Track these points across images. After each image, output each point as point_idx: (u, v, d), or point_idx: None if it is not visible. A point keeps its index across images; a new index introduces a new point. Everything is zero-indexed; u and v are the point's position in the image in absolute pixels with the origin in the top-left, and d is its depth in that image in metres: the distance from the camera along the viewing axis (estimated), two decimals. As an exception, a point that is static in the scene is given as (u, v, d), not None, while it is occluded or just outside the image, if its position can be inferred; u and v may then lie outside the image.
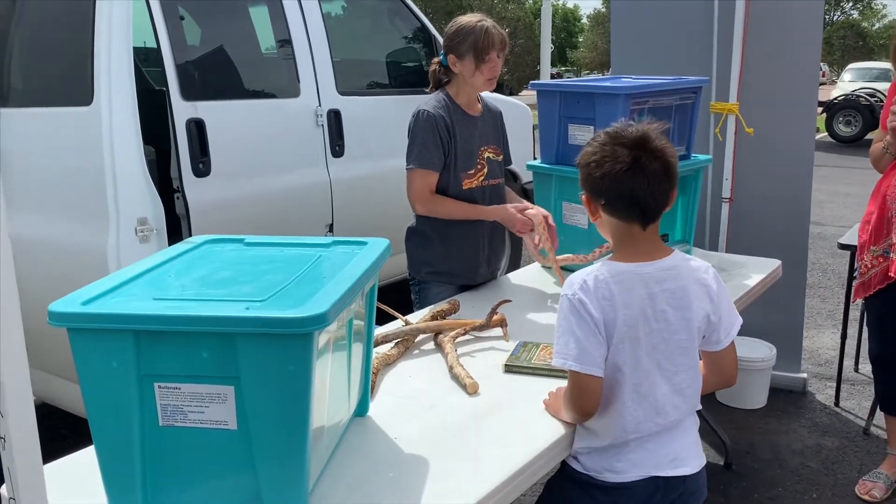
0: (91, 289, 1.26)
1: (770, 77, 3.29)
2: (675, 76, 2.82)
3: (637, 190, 1.45)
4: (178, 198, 2.82)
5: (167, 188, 2.94)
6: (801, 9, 3.21)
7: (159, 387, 1.20)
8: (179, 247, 1.56)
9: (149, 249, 2.39)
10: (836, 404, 3.39)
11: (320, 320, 1.13)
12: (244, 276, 1.38)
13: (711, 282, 1.53)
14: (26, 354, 1.00)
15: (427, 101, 2.39)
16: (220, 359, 1.17)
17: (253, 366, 1.16)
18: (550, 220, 2.43)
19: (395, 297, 2.52)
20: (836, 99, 14.33)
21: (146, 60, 3.96)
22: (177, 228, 2.85)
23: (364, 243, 1.59)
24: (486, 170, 2.47)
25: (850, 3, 43.26)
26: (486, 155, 2.48)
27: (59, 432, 2.93)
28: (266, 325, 1.13)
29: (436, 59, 2.47)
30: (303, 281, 1.35)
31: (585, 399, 1.48)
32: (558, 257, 2.53)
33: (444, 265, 2.49)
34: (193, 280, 1.35)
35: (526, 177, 4.80)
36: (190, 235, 2.82)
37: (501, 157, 2.55)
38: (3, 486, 1.19)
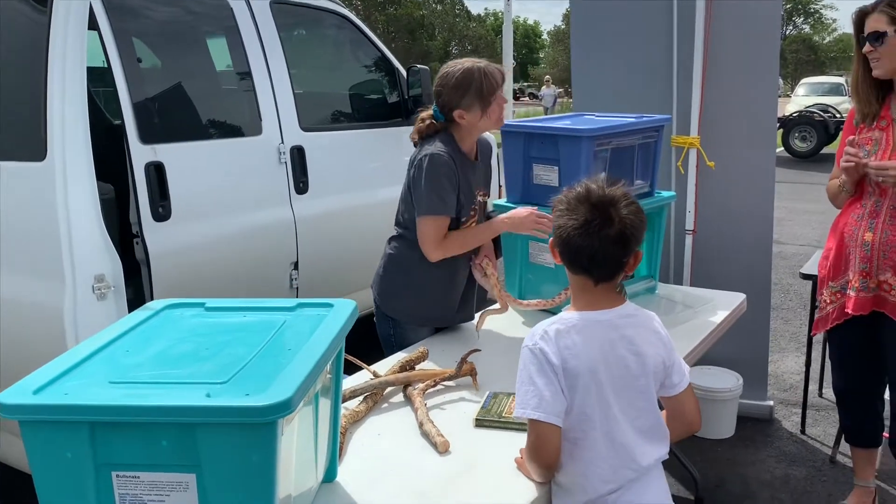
0: (43, 373, 1.20)
1: (729, 109, 3.33)
2: (637, 113, 2.84)
3: (584, 251, 1.50)
4: (137, 243, 2.75)
5: (127, 230, 2.88)
6: (759, 39, 3.25)
7: (117, 476, 1.16)
8: (137, 315, 1.51)
9: (106, 307, 2.32)
10: (803, 432, 3.43)
11: (284, 407, 1.09)
12: (205, 349, 1.34)
13: (661, 328, 1.60)
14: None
15: (435, 145, 2.30)
16: (180, 447, 1.13)
17: (214, 454, 1.12)
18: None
19: (358, 334, 2.47)
20: (791, 115, 14.72)
21: (102, 82, 3.86)
22: (137, 273, 2.79)
23: (330, 306, 1.56)
24: (477, 216, 2.46)
25: (802, 18, 44.45)
26: (478, 199, 2.47)
27: (13, 495, 2.82)
28: (227, 414, 1.09)
29: (426, 114, 2.39)
30: (267, 354, 1.31)
31: (545, 450, 1.48)
32: (525, 301, 2.54)
33: (420, 309, 2.46)
34: (151, 357, 1.31)
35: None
36: (151, 282, 2.76)
37: (487, 196, 2.55)
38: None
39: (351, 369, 2.08)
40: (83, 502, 1.16)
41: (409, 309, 2.46)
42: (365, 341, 2.45)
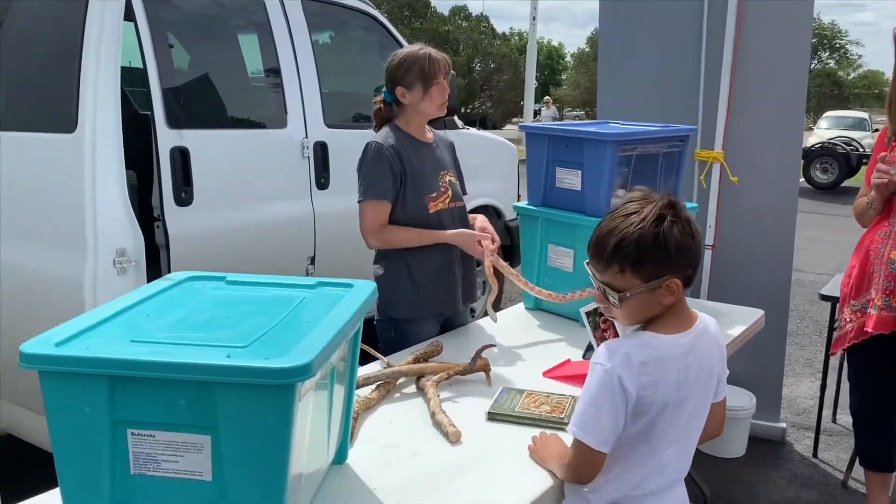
0: (65, 328, 1.21)
1: (755, 126, 3.32)
2: (662, 123, 2.83)
3: (696, 250, 1.45)
4: (158, 227, 2.77)
5: (147, 215, 2.90)
6: (787, 59, 3.25)
7: (132, 433, 1.16)
8: (159, 284, 1.51)
9: (126, 281, 2.34)
10: (815, 455, 3.38)
11: (304, 371, 1.09)
12: (225, 318, 1.34)
13: (721, 338, 1.56)
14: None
15: (379, 134, 2.37)
16: (197, 407, 1.13)
17: (232, 416, 1.11)
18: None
19: (372, 332, 2.47)
20: (813, 146, 14.59)
21: (131, 81, 3.92)
22: (155, 257, 2.81)
23: (350, 286, 1.55)
24: (450, 192, 2.45)
25: (827, 53, 44.37)
26: (448, 178, 2.47)
27: (25, 467, 2.83)
28: (247, 374, 1.08)
29: (378, 98, 2.44)
30: (286, 325, 1.31)
31: (586, 472, 1.46)
32: (536, 288, 2.48)
33: (422, 298, 2.41)
34: (172, 322, 1.31)
35: (509, 214, 4.82)
36: (169, 265, 2.77)
37: (459, 182, 2.55)
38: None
39: (364, 361, 2.07)
40: (97, 459, 1.15)
41: (410, 301, 2.40)
42: (371, 342, 2.43)
